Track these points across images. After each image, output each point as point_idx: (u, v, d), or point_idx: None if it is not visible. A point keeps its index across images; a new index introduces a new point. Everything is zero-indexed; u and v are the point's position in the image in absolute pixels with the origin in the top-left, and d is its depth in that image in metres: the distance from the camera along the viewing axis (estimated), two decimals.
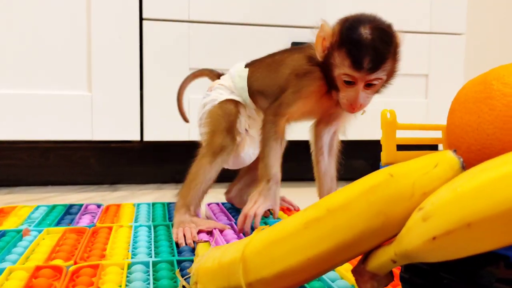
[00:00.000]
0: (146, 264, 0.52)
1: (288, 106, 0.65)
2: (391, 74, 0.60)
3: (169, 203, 0.82)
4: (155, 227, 0.67)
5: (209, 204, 0.82)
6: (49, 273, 0.49)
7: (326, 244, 0.33)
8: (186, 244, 0.60)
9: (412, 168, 0.32)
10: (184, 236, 0.61)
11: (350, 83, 0.58)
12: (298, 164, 1.22)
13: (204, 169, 0.68)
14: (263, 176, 0.65)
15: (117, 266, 0.51)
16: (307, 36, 0.68)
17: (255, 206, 0.63)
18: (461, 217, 0.27)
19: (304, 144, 1.16)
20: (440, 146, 0.43)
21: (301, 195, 1.00)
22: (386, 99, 1.15)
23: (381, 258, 0.32)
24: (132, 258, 0.54)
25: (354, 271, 0.35)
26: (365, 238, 0.32)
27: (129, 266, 0.51)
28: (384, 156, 0.40)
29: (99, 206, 0.80)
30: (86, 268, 0.50)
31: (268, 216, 0.66)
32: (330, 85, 0.61)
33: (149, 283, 0.47)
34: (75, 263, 0.52)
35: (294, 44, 1.06)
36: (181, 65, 1.04)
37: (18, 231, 0.63)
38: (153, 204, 0.81)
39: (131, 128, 1.02)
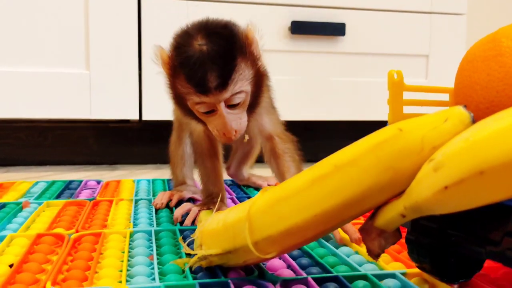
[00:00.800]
0: (148, 232, 0.52)
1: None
2: (258, 78, 0.48)
3: (169, 180, 0.81)
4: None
5: None
6: (51, 240, 0.48)
7: (333, 200, 0.33)
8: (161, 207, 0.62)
9: (421, 123, 0.32)
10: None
11: (210, 112, 0.47)
12: (299, 146, 1.22)
13: (174, 146, 0.69)
14: (205, 196, 0.59)
15: (119, 235, 0.51)
16: (308, 15, 0.67)
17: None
18: (473, 165, 0.26)
19: (302, 126, 1.16)
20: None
21: None
22: (381, 79, 1.15)
23: (390, 213, 0.32)
24: (134, 227, 0.54)
25: (362, 229, 0.35)
26: (373, 194, 0.32)
27: (131, 234, 0.51)
28: (390, 117, 0.39)
29: (98, 182, 0.79)
30: (88, 236, 0.49)
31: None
32: (195, 117, 0.50)
33: (152, 250, 0.47)
34: (77, 231, 0.52)
35: (293, 23, 1.05)
36: None
37: (18, 204, 0.62)
38: (153, 180, 0.81)
39: (130, 107, 1.01)
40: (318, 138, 1.23)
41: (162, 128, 1.12)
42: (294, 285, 0.38)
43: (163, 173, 1.00)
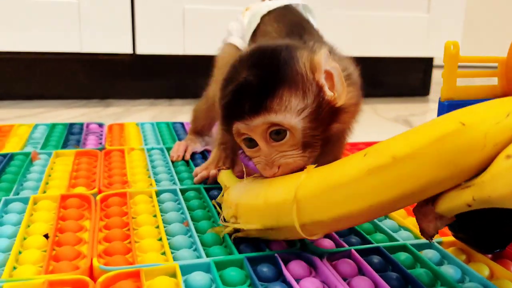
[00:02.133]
0: (173, 192, 0.51)
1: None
2: (324, 114, 0.40)
3: (173, 123, 0.79)
4: (168, 149, 0.65)
5: None
6: (77, 202, 0.47)
7: (390, 193, 0.32)
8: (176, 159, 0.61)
9: (484, 117, 0.30)
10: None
11: (251, 144, 0.41)
12: None
13: (200, 110, 0.65)
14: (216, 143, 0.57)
15: (145, 195, 0.49)
16: None
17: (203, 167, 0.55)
18: None
19: None
20: (495, 80, 0.42)
21: None
22: (385, 13, 1.11)
23: (455, 202, 0.32)
24: (157, 185, 0.53)
25: (417, 211, 0.35)
26: (432, 187, 0.32)
27: (157, 194, 0.50)
28: (444, 90, 0.38)
29: (100, 125, 0.77)
30: (114, 197, 0.48)
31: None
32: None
33: (182, 212, 0.46)
34: (100, 191, 0.50)
35: None
36: None
37: (26, 154, 0.60)
38: (157, 124, 0.78)
39: (123, 40, 0.95)
40: None
41: (155, 62, 1.08)
42: (339, 259, 0.39)
43: (161, 110, 0.97)
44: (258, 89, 0.39)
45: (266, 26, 0.56)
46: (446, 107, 0.38)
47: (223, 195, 0.43)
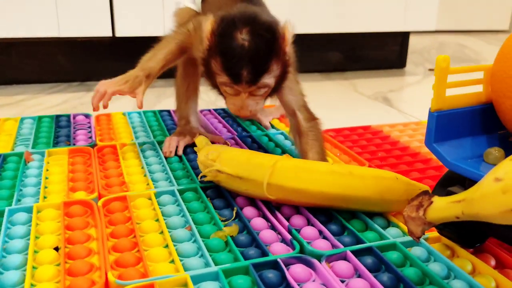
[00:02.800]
0: (171, 193, 0.52)
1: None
2: (283, 73, 0.53)
3: (160, 112, 0.80)
4: (159, 143, 0.66)
5: (201, 111, 0.81)
6: (80, 209, 0.48)
7: (336, 190, 0.46)
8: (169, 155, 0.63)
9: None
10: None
11: (233, 92, 0.52)
12: None
13: (180, 80, 0.68)
14: (139, 64, 0.60)
15: (144, 198, 0.51)
16: None
17: (108, 83, 0.59)
18: None
19: None
20: (480, 87, 0.44)
21: None
22: None
23: (445, 213, 0.35)
24: (154, 186, 0.54)
25: (407, 216, 0.38)
26: (361, 202, 0.47)
27: (156, 195, 0.52)
28: (434, 102, 0.40)
29: (87, 116, 0.77)
30: (115, 202, 0.50)
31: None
32: (214, 87, 0.54)
33: (183, 215, 0.48)
34: (99, 195, 0.52)
35: None
36: None
37: (19, 155, 0.60)
38: (144, 113, 0.79)
39: (101, 23, 0.94)
40: (297, 51, 1.21)
41: (135, 42, 1.06)
42: (336, 260, 0.41)
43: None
44: (259, 63, 0.49)
45: None
46: (435, 118, 0.40)
47: (199, 149, 0.54)
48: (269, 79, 0.51)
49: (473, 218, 0.33)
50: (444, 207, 0.35)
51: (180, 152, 0.63)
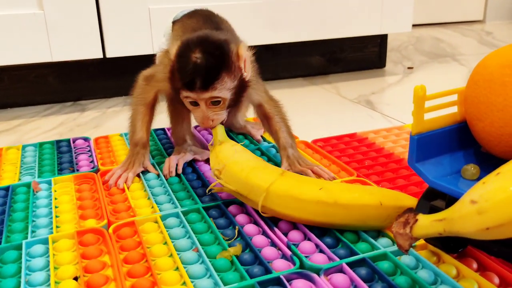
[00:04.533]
0: (176, 215, 0.56)
1: (158, 82, 0.66)
2: (239, 87, 0.60)
3: (155, 130, 0.83)
4: (158, 164, 0.70)
5: (196, 127, 0.84)
6: (92, 238, 0.51)
7: (322, 219, 0.52)
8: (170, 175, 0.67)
9: (394, 203, 0.51)
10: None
11: (195, 104, 0.59)
12: (258, 65, 1.24)
13: (169, 106, 0.73)
14: (130, 140, 0.68)
15: (151, 222, 0.55)
16: None
17: (120, 170, 0.65)
18: None
19: (262, 46, 1.18)
20: (455, 108, 0.49)
21: None
22: None
23: (429, 231, 0.39)
24: (159, 208, 0.58)
25: (395, 232, 0.42)
26: (346, 226, 0.53)
27: (162, 218, 0.55)
28: (414, 126, 0.44)
29: (86, 139, 0.80)
30: (124, 228, 0.53)
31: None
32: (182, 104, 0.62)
33: (189, 237, 0.52)
34: (109, 222, 0.55)
35: None
36: None
37: (27, 185, 0.63)
38: None
39: (92, 45, 0.97)
40: (279, 57, 1.25)
41: (124, 61, 1.09)
42: (333, 273, 0.46)
43: None
44: (208, 73, 0.57)
45: (182, 22, 0.72)
46: (416, 141, 0.45)
47: (214, 145, 0.60)
48: (222, 91, 0.58)
49: (454, 234, 0.38)
50: (427, 225, 0.39)
51: (180, 170, 0.67)
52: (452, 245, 0.48)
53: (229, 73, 0.58)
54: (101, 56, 0.97)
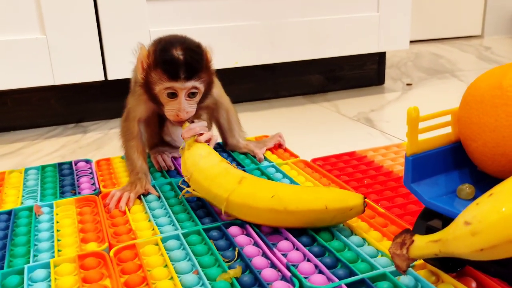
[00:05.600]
0: (176, 237, 0.57)
1: (135, 111, 0.73)
2: (208, 84, 0.69)
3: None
4: (159, 186, 0.70)
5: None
6: (93, 261, 0.52)
7: (275, 223, 0.57)
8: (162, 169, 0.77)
9: (339, 207, 0.55)
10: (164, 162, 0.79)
11: (173, 95, 0.65)
12: (257, 84, 1.25)
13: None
14: (131, 172, 0.71)
15: (151, 244, 0.55)
16: None
17: (122, 190, 0.67)
18: (505, 235, 0.34)
19: (262, 66, 1.19)
20: (449, 128, 0.50)
21: (260, 116, 1.05)
22: (337, 16, 1.18)
23: (425, 252, 0.40)
24: (159, 230, 0.58)
25: (393, 253, 0.43)
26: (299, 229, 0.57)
27: (162, 241, 0.56)
28: (409, 147, 0.45)
29: (87, 161, 0.81)
30: (125, 251, 0.54)
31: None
32: (154, 101, 0.68)
33: (190, 259, 0.52)
34: (110, 245, 0.56)
35: None
36: None
37: (29, 209, 0.64)
38: None
39: (94, 68, 0.98)
40: (279, 76, 1.27)
41: (125, 83, 1.11)
42: None
43: None
44: (191, 65, 0.64)
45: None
46: (411, 161, 0.45)
47: (183, 149, 0.65)
48: (200, 83, 0.66)
49: (449, 255, 0.38)
50: (423, 246, 0.40)
51: (172, 166, 0.78)
52: (450, 264, 0.48)
53: (205, 69, 0.67)
54: (102, 78, 0.99)
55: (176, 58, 0.63)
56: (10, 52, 0.91)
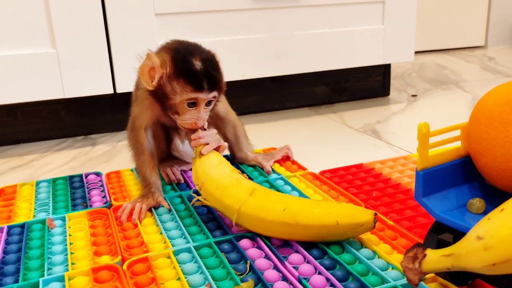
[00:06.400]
0: (188, 250, 0.57)
1: (140, 119, 0.73)
2: (220, 92, 0.70)
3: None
4: (170, 198, 0.71)
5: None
6: (107, 275, 0.53)
7: (286, 237, 0.58)
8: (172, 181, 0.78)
9: (352, 223, 0.56)
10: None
11: (193, 105, 0.66)
12: (263, 96, 1.26)
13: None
14: (144, 187, 0.72)
15: (164, 257, 0.56)
16: None
17: (134, 202, 0.67)
18: None
19: (268, 78, 1.21)
20: (459, 142, 0.50)
21: (267, 128, 1.06)
22: (343, 29, 1.19)
23: (438, 266, 0.40)
24: (171, 243, 0.59)
25: (405, 267, 0.43)
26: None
27: (174, 254, 0.56)
28: (419, 162, 0.46)
29: (97, 174, 0.81)
30: (138, 264, 0.54)
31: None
32: (167, 109, 0.68)
33: (202, 272, 0.53)
34: (123, 258, 0.56)
35: None
36: (146, 10, 1.00)
37: (42, 222, 0.65)
38: None
39: (103, 81, 0.99)
40: (285, 88, 1.28)
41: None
42: None
43: None
44: (214, 77, 0.66)
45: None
46: (421, 176, 0.46)
47: (194, 157, 0.66)
48: (218, 93, 0.68)
49: (462, 269, 0.39)
50: (436, 261, 0.40)
51: (181, 179, 0.79)
52: (461, 277, 0.49)
53: (221, 79, 0.69)
54: (111, 91, 1.00)
55: (200, 69, 0.65)
56: (21, 66, 0.92)
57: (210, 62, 0.66)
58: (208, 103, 0.67)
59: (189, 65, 0.65)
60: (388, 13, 1.23)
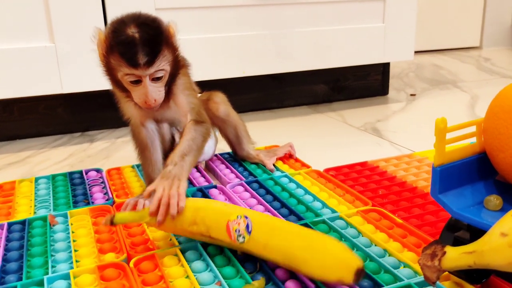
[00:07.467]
0: (195, 247, 0.56)
1: (132, 118, 0.69)
2: (174, 62, 0.61)
3: None
4: None
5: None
6: (113, 272, 0.51)
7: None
8: None
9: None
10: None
11: (136, 82, 0.59)
12: (263, 94, 1.25)
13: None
14: (148, 183, 0.68)
15: (171, 255, 0.54)
16: None
17: (137, 200, 0.63)
18: None
19: (268, 76, 1.20)
20: (474, 139, 0.50)
21: (267, 125, 1.05)
22: (343, 26, 1.18)
23: (459, 263, 0.39)
24: (177, 241, 0.58)
25: (423, 264, 0.42)
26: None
27: (181, 251, 0.55)
28: (436, 158, 0.45)
29: (98, 171, 0.80)
30: (145, 262, 0.53)
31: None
32: (121, 89, 0.62)
33: (211, 269, 0.52)
34: (129, 255, 0.55)
35: None
36: (146, 4, 0.98)
37: (43, 218, 0.63)
38: None
39: (102, 77, 0.97)
40: (285, 86, 1.27)
41: None
42: None
43: None
44: (151, 46, 0.56)
45: None
46: (438, 172, 0.45)
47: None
48: (163, 63, 0.58)
49: (484, 267, 0.38)
50: (457, 258, 0.40)
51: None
52: (475, 275, 0.48)
53: (168, 45, 0.59)
54: (110, 87, 0.98)
55: (131, 40, 0.56)
56: (18, 60, 0.90)
57: (150, 28, 0.57)
58: (158, 78, 0.59)
59: (122, 36, 0.56)
60: (388, 11, 1.22)
